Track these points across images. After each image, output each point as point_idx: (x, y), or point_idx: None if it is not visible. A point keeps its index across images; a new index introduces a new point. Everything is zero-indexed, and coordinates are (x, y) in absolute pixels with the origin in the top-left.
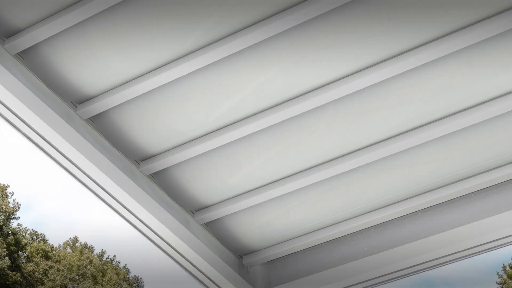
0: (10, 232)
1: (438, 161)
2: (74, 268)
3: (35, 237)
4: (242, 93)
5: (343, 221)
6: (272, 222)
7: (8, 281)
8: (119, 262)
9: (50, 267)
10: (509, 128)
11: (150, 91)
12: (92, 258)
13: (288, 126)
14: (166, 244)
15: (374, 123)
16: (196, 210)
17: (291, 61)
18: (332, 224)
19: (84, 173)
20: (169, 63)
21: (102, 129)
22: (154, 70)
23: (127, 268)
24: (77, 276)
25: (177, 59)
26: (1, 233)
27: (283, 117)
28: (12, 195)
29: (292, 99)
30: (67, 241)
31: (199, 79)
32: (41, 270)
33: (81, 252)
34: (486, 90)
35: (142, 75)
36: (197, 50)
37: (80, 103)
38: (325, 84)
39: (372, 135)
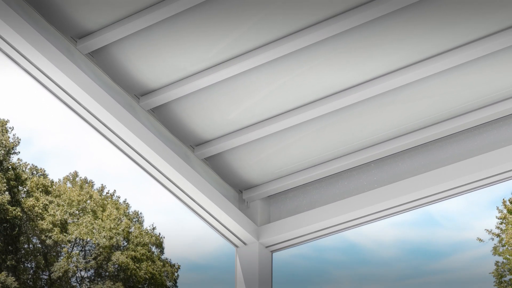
0: (10, 167)
1: (438, 96)
2: (74, 203)
3: (35, 172)
4: (242, 28)
5: (343, 156)
6: (272, 157)
7: (8, 215)
8: (119, 197)
9: (50, 202)
10: (509, 63)
11: (150, 26)
12: (92, 193)
13: (288, 61)
14: (166, 179)
15: (374, 58)
16: (196, 145)
17: None
18: (332, 159)
19: (84, 108)
20: None
21: (102, 64)
22: (153, 5)
23: (127, 203)
24: (77, 211)
25: None
26: (1, 168)
27: (282, 52)
28: (12, 130)
29: (291, 34)
30: (67, 176)
31: (199, 14)
32: (41, 205)
33: (81, 187)
34: (485, 25)
35: (142, 10)
36: None
37: (80, 38)
38: (324, 20)
39: (372, 70)
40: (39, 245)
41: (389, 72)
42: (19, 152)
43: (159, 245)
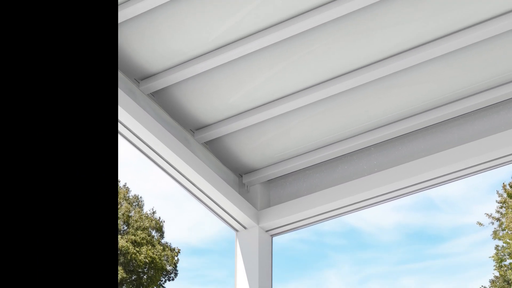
0: None
1: (438, 80)
2: None
3: None
4: (242, 11)
5: (343, 140)
6: (272, 141)
7: None
8: (119, 181)
9: None
10: (509, 47)
11: (150, 9)
12: None
13: (288, 45)
14: (166, 163)
15: (374, 42)
16: (196, 129)
17: None
18: (332, 143)
19: None
20: None
21: None
22: None
23: (127, 187)
24: None
25: None
26: None
27: (283, 36)
28: None
29: (291, 18)
30: None
31: None
32: None
33: None
34: (486, 9)
35: None
36: None
37: None
38: (324, 4)
39: (372, 53)
40: None
41: (389, 56)
42: None
43: (159, 229)
